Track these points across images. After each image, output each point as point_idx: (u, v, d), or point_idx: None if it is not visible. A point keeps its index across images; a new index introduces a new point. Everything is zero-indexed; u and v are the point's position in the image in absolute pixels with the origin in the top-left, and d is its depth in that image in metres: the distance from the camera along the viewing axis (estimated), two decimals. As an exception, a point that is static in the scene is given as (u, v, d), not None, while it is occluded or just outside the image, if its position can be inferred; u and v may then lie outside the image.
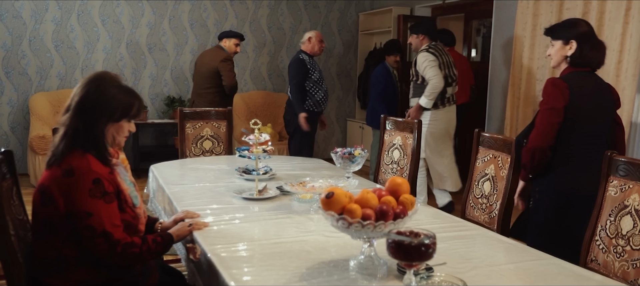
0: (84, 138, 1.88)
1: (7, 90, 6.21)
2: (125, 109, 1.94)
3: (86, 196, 1.80)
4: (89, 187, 1.81)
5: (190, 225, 2.05)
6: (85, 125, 1.88)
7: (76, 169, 1.82)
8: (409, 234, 1.43)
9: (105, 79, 1.94)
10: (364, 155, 2.61)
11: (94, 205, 1.81)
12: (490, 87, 5.69)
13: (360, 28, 7.65)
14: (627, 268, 1.96)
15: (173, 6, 6.76)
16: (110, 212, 1.85)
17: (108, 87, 1.92)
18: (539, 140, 2.56)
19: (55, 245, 1.87)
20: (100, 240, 1.81)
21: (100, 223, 1.81)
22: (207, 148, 3.88)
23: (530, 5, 5.07)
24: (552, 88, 2.59)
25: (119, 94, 1.93)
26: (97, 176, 1.83)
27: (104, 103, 1.90)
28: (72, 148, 1.87)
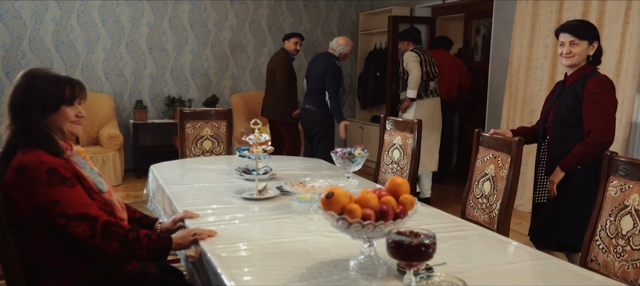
0: (27, 136, 1.83)
1: (7, 90, 6.20)
2: (58, 95, 1.87)
3: (45, 186, 1.75)
4: (44, 177, 1.75)
5: (194, 235, 1.93)
6: (23, 123, 1.84)
7: (27, 164, 1.77)
8: (409, 234, 1.43)
9: (31, 73, 1.89)
10: (364, 155, 2.61)
11: (56, 192, 1.75)
12: (490, 87, 5.69)
13: (360, 28, 7.65)
14: (627, 268, 1.96)
15: (173, 6, 6.76)
16: (76, 194, 1.79)
17: (34, 79, 1.87)
18: (611, 135, 2.71)
19: (32, 245, 1.82)
20: (76, 223, 1.75)
21: (71, 206, 1.75)
22: (207, 148, 3.88)
23: (529, 5, 5.07)
24: (610, 86, 2.75)
25: (47, 82, 1.87)
26: (50, 165, 1.78)
27: (32, 96, 1.84)
28: (17, 148, 1.82)
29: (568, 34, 2.79)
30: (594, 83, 2.74)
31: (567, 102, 2.83)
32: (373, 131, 6.97)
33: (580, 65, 2.82)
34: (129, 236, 1.81)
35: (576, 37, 2.77)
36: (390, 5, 7.12)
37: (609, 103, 2.72)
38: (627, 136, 4.30)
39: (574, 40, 2.77)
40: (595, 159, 2.66)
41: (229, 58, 7.13)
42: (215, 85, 7.10)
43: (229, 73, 7.17)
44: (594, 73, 2.78)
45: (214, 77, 7.09)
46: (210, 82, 7.08)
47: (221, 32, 7.04)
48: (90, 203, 1.81)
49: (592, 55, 2.81)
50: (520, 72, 5.10)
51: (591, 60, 2.82)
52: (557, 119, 2.87)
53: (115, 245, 1.79)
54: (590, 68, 2.81)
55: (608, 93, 2.72)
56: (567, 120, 2.80)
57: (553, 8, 4.86)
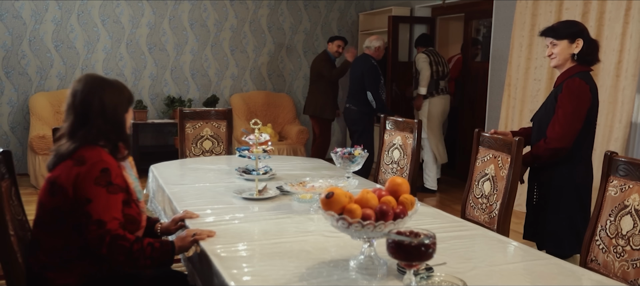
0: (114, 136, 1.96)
1: (7, 90, 6.21)
2: (129, 96, 2.04)
3: (91, 183, 1.84)
4: (96, 175, 1.85)
5: (194, 236, 1.97)
6: (114, 124, 1.96)
7: (88, 158, 1.88)
8: (409, 234, 1.43)
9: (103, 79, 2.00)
10: (364, 155, 2.61)
11: (95, 192, 1.84)
12: (490, 87, 5.69)
13: (360, 28, 7.64)
14: (627, 268, 1.96)
15: (173, 6, 6.76)
16: (111, 202, 1.86)
17: (112, 84, 2.00)
18: (565, 142, 2.65)
19: (61, 234, 1.89)
20: (93, 227, 1.82)
21: (97, 211, 1.83)
22: (207, 148, 3.88)
23: (529, 6, 5.07)
24: (579, 89, 2.64)
25: (119, 85, 2.02)
26: (107, 166, 1.88)
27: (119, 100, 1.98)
28: (84, 144, 1.91)
29: (546, 36, 2.78)
30: (565, 87, 2.68)
31: (547, 103, 2.82)
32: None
33: (566, 66, 2.74)
34: (133, 249, 1.85)
35: (553, 38, 2.73)
36: (390, 5, 7.12)
37: (571, 109, 2.64)
38: (627, 136, 4.30)
39: (552, 41, 2.74)
40: (549, 161, 2.71)
41: (229, 58, 7.13)
42: (215, 85, 7.11)
43: (229, 73, 7.17)
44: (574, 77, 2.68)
45: (214, 77, 7.09)
46: (210, 82, 7.08)
47: (221, 32, 7.04)
48: (115, 218, 1.86)
49: (579, 54, 2.69)
50: (519, 72, 5.11)
51: (578, 58, 2.70)
52: (536, 120, 2.88)
53: (120, 258, 1.85)
54: (577, 69, 2.70)
55: (572, 100, 2.63)
56: (544, 122, 2.77)
57: (553, 8, 4.86)
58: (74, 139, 1.92)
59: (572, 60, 2.71)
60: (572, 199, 2.72)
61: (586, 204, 2.76)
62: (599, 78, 4.59)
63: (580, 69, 2.70)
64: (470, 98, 6.51)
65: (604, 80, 4.51)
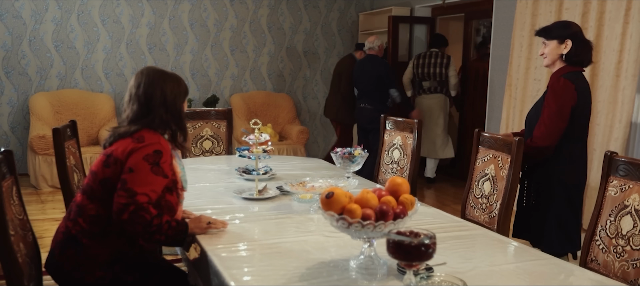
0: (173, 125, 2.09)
1: (7, 90, 6.21)
2: (185, 88, 2.17)
3: (140, 157, 1.94)
4: (147, 152, 1.95)
5: (208, 223, 2.03)
6: (174, 114, 2.09)
7: (147, 139, 1.99)
8: (409, 234, 1.43)
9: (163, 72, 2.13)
10: (364, 155, 2.61)
11: (140, 166, 1.93)
12: (490, 87, 5.69)
13: (360, 28, 7.65)
14: (627, 268, 1.96)
15: (173, 6, 6.76)
16: (150, 180, 1.94)
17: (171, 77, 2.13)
18: (549, 140, 2.71)
19: (108, 204, 1.95)
20: (123, 194, 1.90)
21: (133, 182, 1.91)
22: (207, 148, 3.88)
23: (529, 5, 5.07)
24: (562, 89, 2.70)
25: (177, 77, 2.15)
26: (160, 148, 1.98)
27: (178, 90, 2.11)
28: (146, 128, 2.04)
29: (539, 36, 2.85)
30: (549, 87, 2.77)
31: (538, 104, 2.87)
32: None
33: (556, 66, 2.80)
34: (153, 222, 1.90)
35: (544, 38, 2.81)
36: (390, 5, 7.12)
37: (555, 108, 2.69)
38: (627, 136, 4.30)
39: (544, 41, 2.82)
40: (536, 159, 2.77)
41: (229, 58, 7.13)
42: (215, 85, 7.11)
43: (229, 73, 7.17)
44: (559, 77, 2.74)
45: (214, 77, 7.09)
46: (210, 82, 7.08)
47: (221, 32, 7.04)
48: (146, 194, 1.92)
49: (567, 55, 2.74)
50: (519, 72, 5.11)
51: (566, 59, 2.75)
52: (527, 120, 2.95)
53: (138, 228, 1.89)
54: (566, 69, 2.75)
55: (556, 100, 2.70)
56: (534, 120, 2.83)
57: (553, 8, 4.86)
58: (136, 124, 2.05)
59: (561, 60, 2.76)
60: (561, 198, 2.76)
61: (576, 203, 2.80)
62: (599, 79, 4.59)
63: (570, 69, 2.75)
64: (470, 98, 6.51)
65: (604, 80, 4.51)
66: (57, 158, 2.59)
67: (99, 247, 1.99)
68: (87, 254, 1.98)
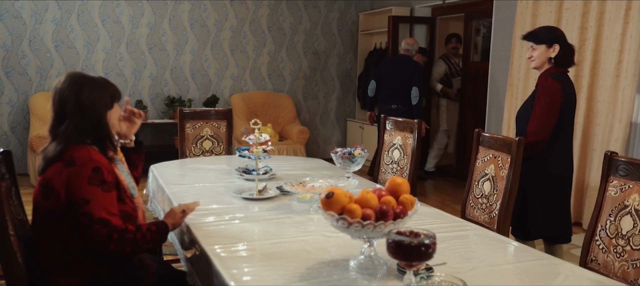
0: (93, 133, 1.95)
1: (7, 90, 6.21)
2: (113, 93, 2.02)
3: (85, 183, 1.84)
4: (88, 175, 1.85)
5: (182, 212, 2.07)
6: (92, 121, 1.94)
7: (77, 159, 1.87)
8: (409, 234, 1.43)
9: (83, 76, 1.99)
10: (364, 155, 2.61)
11: (91, 192, 1.84)
12: (490, 87, 5.69)
13: (360, 28, 7.65)
14: (627, 268, 1.96)
15: (173, 6, 6.76)
16: (107, 200, 1.87)
17: (91, 81, 1.98)
18: (541, 134, 2.89)
19: (59, 237, 1.89)
20: (98, 227, 1.83)
21: (97, 210, 1.83)
22: (207, 148, 3.87)
23: (529, 5, 5.07)
24: (552, 88, 2.93)
25: (101, 81, 2.01)
26: (97, 165, 1.87)
27: (98, 96, 1.97)
28: (70, 143, 1.90)
29: (527, 41, 3.05)
30: (539, 87, 2.96)
31: (527, 102, 3.09)
32: (373, 131, 6.97)
33: (544, 68, 3.00)
34: (137, 238, 1.89)
35: (533, 42, 3.00)
36: (390, 5, 7.12)
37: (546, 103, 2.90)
38: (627, 136, 4.30)
39: (532, 45, 3.00)
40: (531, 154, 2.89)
41: (229, 58, 7.13)
42: (215, 85, 7.11)
43: (229, 73, 7.17)
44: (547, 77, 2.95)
45: (214, 77, 7.09)
46: (210, 82, 7.08)
47: (221, 32, 7.04)
48: (115, 213, 1.89)
49: (556, 58, 2.96)
50: (520, 72, 5.11)
51: (555, 62, 2.97)
52: (518, 118, 3.14)
53: (127, 249, 1.88)
54: (552, 70, 2.96)
55: (546, 97, 2.90)
56: (523, 118, 3.03)
57: (553, 8, 4.86)
58: (58, 139, 1.92)
59: (549, 62, 2.98)
60: (545, 186, 2.96)
61: (560, 193, 3.00)
62: (599, 79, 4.59)
63: (556, 70, 2.97)
64: (470, 98, 6.51)
65: (604, 80, 4.50)
66: (57, 158, 2.58)
67: (66, 279, 1.91)
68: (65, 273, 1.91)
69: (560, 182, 3.01)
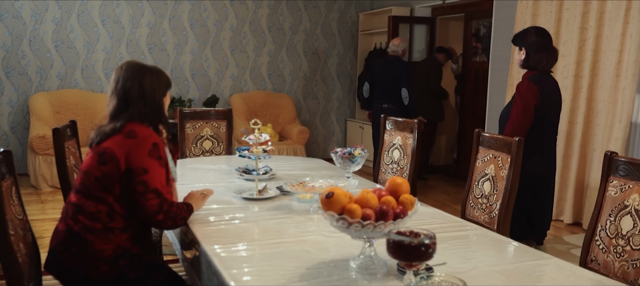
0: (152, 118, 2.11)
1: (7, 90, 6.21)
2: (167, 81, 2.21)
3: (145, 155, 2.00)
4: (149, 148, 2.01)
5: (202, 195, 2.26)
6: (153, 107, 2.12)
7: (138, 132, 2.04)
8: (409, 234, 1.43)
9: (143, 66, 2.15)
10: (364, 155, 2.61)
11: (150, 164, 2.00)
12: (490, 87, 5.69)
13: (360, 28, 7.65)
14: (627, 268, 1.96)
15: (173, 6, 6.76)
16: (162, 174, 2.05)
17: (151, 70, 2.15)
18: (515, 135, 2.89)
19: (107, 201, 2.01)
20: (152, 196, 1.99)
21: (153, 181, 2.00)
22: (207, 148, 3.87)
23: (529, 5, 5.07)
24: (526, 90, 3.02)
25: (157, 70, 2.18)
26: (157, 141, 2.06)
27: (157, 84, 2.14)
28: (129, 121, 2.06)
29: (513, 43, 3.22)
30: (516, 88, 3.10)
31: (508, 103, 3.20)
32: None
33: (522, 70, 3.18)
34: (177, 213, 2.06)
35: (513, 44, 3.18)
36: (390, 5, 7.12)
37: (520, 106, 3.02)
38: (627, 136, 4.29)
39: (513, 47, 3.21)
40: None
41: (229, 58, 7.13)
42: (215, 85, 7.11)
43: (229, 73, 7.17)
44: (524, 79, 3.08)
45: (214, 77, 7.09)
46: (210, 82, 7.08)
47: (221, 32, 7.04)
48: (166, 187, 2.07)
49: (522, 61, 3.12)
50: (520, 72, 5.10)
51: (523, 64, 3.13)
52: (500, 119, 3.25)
53: (169, 222, 2.05)
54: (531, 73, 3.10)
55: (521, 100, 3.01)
56: (504, 120, 3.17)
57: (553, 8, 4.86)
58: (119, 120, 2.06)
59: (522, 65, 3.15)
60: (523, 187, 2.94)
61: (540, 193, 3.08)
62: (599, 79, 4.59)
63: (535, 72, 3.09)
64: (470, 98, 6.51)
65: (604, 80, 4.51)
66: (57, 158, 2.59)
67: (102, 243, 2.00)
68: (92, 250, 1.99)
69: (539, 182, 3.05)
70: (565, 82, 4.81)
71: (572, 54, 4.72)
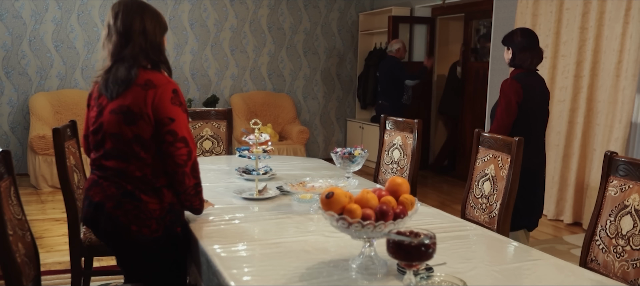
0: (156, 57, 2.06)
1: (7, 90, 6.21)
2: (165, 23, 2.14)
3: (168, 103, 1.97)
4: (170, 95, 1.98)
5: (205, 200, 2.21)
6: (154, 45, 2.06)
7: (155, 80, 1.99)
8: (409, 234, 1.43)
9: (143, 2, 2.08)
10: (364, 155, 2.61)
11: (175, 112, 1.98)
12: (490, 87, 5.69)
13: (360, 28, 7.65)
14: (627, 268, 1.96)
15: (173, 6, 6.76)
16: (186, 121, 2.02)
17: (150, 8, 2.09)
18: (501, 132, 3.12)
19: (147, 163, 2.01)
20: (181, 145, 1.98)
21: (180, 129, 1.98)
22: (207, 148, 3.87)
23: (529, 5, 5.07)
24: (508, 88, 3.19)
25: (156, 11, 2.11)
26: (175, 87, 2.02)
27: (158, 22, 2.09)
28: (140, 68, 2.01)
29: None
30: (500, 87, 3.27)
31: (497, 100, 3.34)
32: (373, 131, 6.97)
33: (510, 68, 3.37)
34: (200, 184, 2.08)
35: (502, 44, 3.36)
36: (390, 5, 7.12)
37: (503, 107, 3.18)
38: (627, 136, 4.29)
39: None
40: None
41: (229, 58, 7.13)
42: (215, 85, 7.11)
43: (229, 73, 7.17)
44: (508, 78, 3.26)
45: (214, 77, 7.09)
46: (210, 82, 7.08)
47: (221, 32, 7.04)
48: (192, 135, 2.05)
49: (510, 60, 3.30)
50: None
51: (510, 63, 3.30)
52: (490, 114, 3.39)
53: (191, 181, 2.03)
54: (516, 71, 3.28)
55: (504, 97, 3.19)
56: (492, 114, 3.34)
57: (553, 8, 4.86)
58: (125, 61, 2.01)
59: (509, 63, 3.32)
60: None
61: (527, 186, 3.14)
62: (599, 79, 4.59)
63: (520, 71, 3.27)
64: (470, 98, 6.51)
65: (604, 80, 4.50)
66: (57, 158, 2.58)
67: (155, 203, 2.02)
68: (146, 208, 2.01)
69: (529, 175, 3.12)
70: (565, 82, 4.81)
71: (572, 54, 4.72)
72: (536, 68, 3.32)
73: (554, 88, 4.93)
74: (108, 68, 2.04)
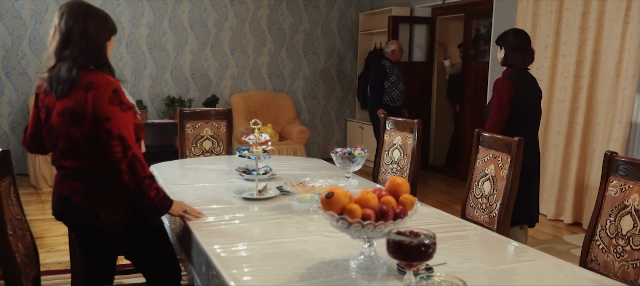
0: (96, 59, 2.08)
1: (7, 90, 6.21)
2: (112, 27, 2.16)
3: (106, 103, 2.00)
4: (108, 95, 2.01)
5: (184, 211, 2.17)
6: (95, 48, 2.07)
7: (96, 82, 2.02)
8: (409, 234, 1.43)
9: (88, 5, 2.10)
10: (364, 155, 2.61)
11: (112, 111, 2.00)
12: (490, 87, 5.69)
13: (360, 28, 7.65)
14: (627, 268, 1.96)
15: (173, 6, 6.76)
16: (126, 120, 2.03)
17: (96, 11, 2.10)
18: (494, 130, 3.22)
19: (100, 158, 2.05)
20: (115, 142, 1.99)
21: (116, 128, 2.00)
22: (207, 148, 3.87)
23: (529, 5, 5.07)
24: (500, 87, 3.28)
25: (103, 14, 2.13)
26: (116, 87, 2.04)
27: (102, 21, 2.10)
28: (82, 70, 2.03)
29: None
30: (493, 85, 3.35)
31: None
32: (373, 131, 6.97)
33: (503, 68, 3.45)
34: (145, 181, 2.04)
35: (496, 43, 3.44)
36: (390, 5, 7.12)
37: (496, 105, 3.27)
38: (627, 136, 4.29)
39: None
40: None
41: (229, 58, 7.13)
42: (215, 85, 7.11)
43: (229, 73, 7.17)
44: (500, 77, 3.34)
45: (214, 77, 7.09)
46: (210, 82, 7.08)
47: (221, 32, 7.04)
48: (132, 134, 2.05)
49: (502, 59, 3.38)
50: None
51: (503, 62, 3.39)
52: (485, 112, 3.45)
53: (132, 180, 2.03)
54: (508, 70, 3.37)
55: (497, 96, 3.27)
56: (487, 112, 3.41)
57: (553, 8, 4.86)
58: (65, 61, 2.02)
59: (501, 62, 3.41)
60: None
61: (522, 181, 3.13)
62: (599, 79, 4.59)
63: (512, 70, 3.36)
64: (470, 98, 6.51)
65: (604, 80, 4.51)
66: (56, 158, 2.58)
67: (118, 189, 2.08)
68: (111, 196, 2.08)
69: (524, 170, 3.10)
70: (565, 82, 4.81)
71: (572, 54, 4.72)
72: (528, 67, 3.42)
73: (554, 88, 4.93)
74: (51, 66, 2.08)
